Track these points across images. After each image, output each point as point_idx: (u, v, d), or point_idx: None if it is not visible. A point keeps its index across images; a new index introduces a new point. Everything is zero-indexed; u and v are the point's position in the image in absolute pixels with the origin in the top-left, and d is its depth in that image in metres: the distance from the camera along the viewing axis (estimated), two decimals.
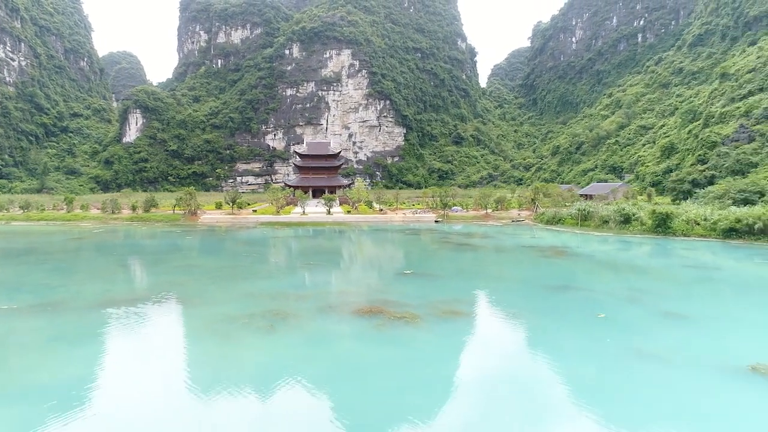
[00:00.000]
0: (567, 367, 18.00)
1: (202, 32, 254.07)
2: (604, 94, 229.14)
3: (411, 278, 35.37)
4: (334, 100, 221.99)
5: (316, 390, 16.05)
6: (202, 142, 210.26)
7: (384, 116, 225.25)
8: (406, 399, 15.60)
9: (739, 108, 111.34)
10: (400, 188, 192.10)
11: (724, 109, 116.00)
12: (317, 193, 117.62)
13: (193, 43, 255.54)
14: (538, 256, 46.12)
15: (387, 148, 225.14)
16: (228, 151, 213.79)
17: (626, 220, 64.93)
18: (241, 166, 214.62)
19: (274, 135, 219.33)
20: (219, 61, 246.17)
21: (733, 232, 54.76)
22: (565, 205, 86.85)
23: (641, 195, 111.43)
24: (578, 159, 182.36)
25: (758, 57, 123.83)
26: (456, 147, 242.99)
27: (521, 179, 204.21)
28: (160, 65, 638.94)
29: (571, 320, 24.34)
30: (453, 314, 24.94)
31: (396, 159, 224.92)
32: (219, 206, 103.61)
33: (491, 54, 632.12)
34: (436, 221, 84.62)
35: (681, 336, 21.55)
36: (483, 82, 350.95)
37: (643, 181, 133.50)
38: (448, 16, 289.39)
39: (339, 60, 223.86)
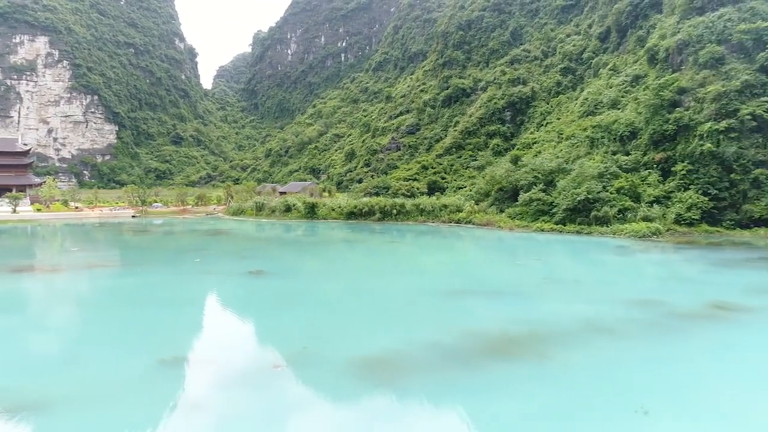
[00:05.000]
0: (147, 280, 31.62)
1: None
2: (312, 104, 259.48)
3: (75, 253, 45.08)
4: (28, 92, 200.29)
5: None
6: None
7: (92, 112, 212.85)
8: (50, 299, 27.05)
9: (393, 124, 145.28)
10: (112, 188, 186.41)
11: (385, 125, 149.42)
12: (3, 192, 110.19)
13: None
14: (199, 235, 59.77)
15: (96, 146, 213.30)
16: None
17: (288, 209, 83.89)
18: None
19: None
20: None
21: (352, 215, 77.55)
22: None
23: (325, 192, 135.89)
24: (286, 161, 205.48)
25: (408, 85, 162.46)
26: (175, 147, 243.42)
27: (238, 179, 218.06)
28: None
29: (177, 263, 38.31)
30: (98, 267, 36.44)
31: (108, 158, 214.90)
32: None
33: (219, 54, 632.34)
34: (133, 216, 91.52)
35: (237, 265, 37.35)
36: (209, 82, 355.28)
37: (332, 180, 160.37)
38: (165, 14, 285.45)
39: (33, 47, 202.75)
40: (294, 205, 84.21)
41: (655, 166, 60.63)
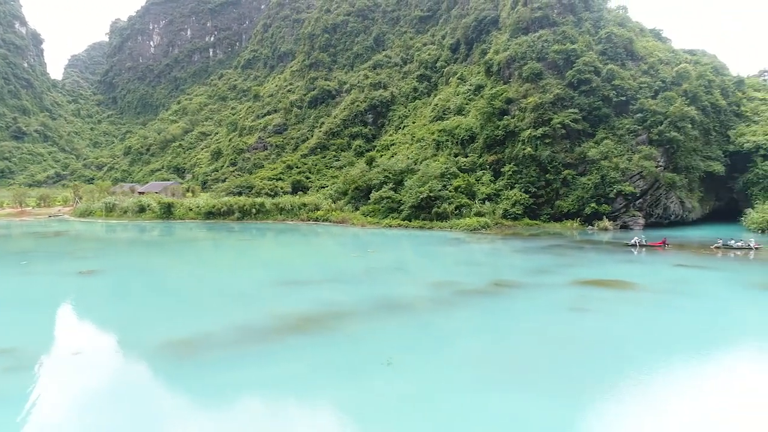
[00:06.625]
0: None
1: None
2: (177, 100, 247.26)
3: None
4: None
5: None
6: None
7: None
8: None
9: (261, 123, 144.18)
10: None
11: (252, 124, 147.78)
12: None
13: None
14: (35, 238, 56.00)
15: None
16: None
17: (142, 209, 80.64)
18: None
19: None
20: None
21: (211, 214, 76.69)
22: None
23: (188, 191, 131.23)
24: (148, 160, 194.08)
25: (277, 85, 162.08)
26: (16, 143, 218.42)
27: (93, 178, 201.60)
28: None
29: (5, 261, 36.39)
30: None
31: None
32: None
33: (71, 41, 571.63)
34: None
35: (68, 265, 36.35)
36: (59, 72, 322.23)
37: (198, 180, 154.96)
38: None
39: None
40: (148, 206, 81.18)
41: (488, 167, 68.13)
